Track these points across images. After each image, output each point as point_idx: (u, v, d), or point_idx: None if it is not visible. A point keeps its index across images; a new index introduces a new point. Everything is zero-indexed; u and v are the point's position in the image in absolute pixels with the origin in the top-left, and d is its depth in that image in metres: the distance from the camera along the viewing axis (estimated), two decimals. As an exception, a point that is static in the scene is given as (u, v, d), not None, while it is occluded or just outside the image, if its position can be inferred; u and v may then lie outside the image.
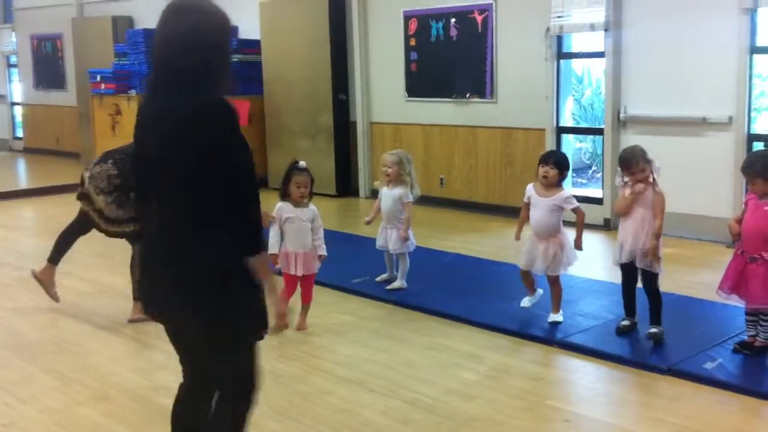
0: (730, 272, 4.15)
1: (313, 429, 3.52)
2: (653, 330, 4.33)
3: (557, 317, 4.73)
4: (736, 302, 4.24)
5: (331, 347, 4.57)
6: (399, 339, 4.65)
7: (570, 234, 4.70)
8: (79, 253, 5.28)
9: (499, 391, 3.90)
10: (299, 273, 4.71)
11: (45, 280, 5.23)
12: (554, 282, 4.72)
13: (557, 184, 4.67)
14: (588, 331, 4.60)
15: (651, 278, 4.35)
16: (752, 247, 4.04)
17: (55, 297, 5.24)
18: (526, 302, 4.84)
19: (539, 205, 4.65)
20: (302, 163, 4.75)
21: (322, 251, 4.75)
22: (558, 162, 4.66)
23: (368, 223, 5.51)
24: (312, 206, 4.77)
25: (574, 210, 4.65)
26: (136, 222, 4.68)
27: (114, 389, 3.99)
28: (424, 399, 3.80)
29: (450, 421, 3.58)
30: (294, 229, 4.70)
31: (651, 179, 4.32)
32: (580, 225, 4.66)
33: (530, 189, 4.74)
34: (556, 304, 4.76)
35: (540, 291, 4.86)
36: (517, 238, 4.82)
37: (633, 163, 4.29)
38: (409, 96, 8.98)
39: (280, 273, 4.70)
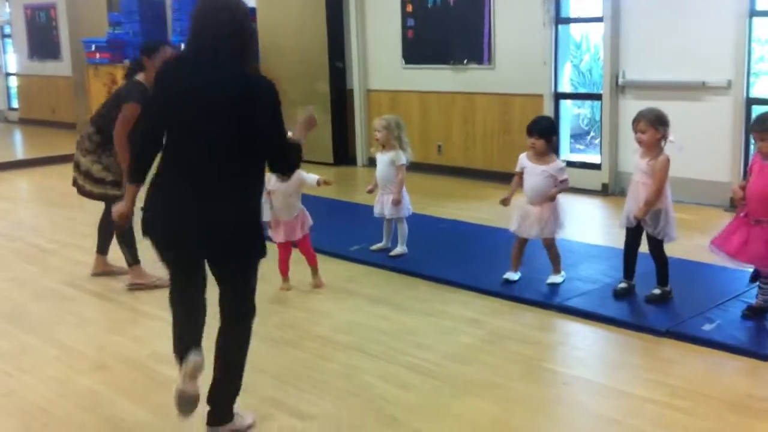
0: (726, 232, 4.15)
1: (312, 394, 3.53)
2: (654, 291, 4.37)
3: (557, 278, 4.75)
4: (729, 263, 4.27)
5: (329, 314, 4.58)
6: (397, 305, 4.65)
7: (562, 200, 4.71)
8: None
9: (498, 355, 3.91)
10: (283, 239, 4.81)
11: (106, 270, 5.29)
12: (550, 245, 4.74)
13: (549, 151, 4.68)
14: (586, 294, 4.60)
15: (657, 244, 4.36)
16: (757, 210, 4.02)
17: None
18: (509, 276, 4.83)
19: (533, 171, 4.67)
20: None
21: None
22: (542, 131, 4.65)
23: (370, 191, 5.50)
24: (296, 176, 4.70)
25: (562, 180, 4.66)
26: (119, 187, 4.78)
27: (113, 358, 3.99)
28: (423, 363, 3.81)
29: (448, 385, 3.59)
30: (282, 199, 4.76)
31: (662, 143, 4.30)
32: (561, 189, 4.69)
33: (523, 159, 4.75)
34: (556, 266, 4.78)
35: (519, 273, 4.84)
36: (506, 204, 4.79)
37: None
38: (406, 63, 8.91)
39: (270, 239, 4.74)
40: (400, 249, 5.45)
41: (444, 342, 4.09)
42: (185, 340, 3.13)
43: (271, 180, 4.65)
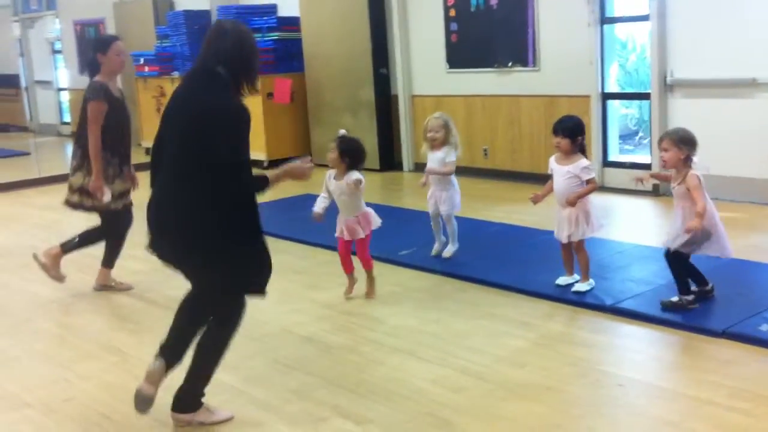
0: None
1: (366, 398, 3.56)
2: (672, 299, 4.31)
3: (583, 286, 4.66)
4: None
5: (380, 318, 4.60)
6: (447, 309, 4.66)
7: (602, 200, 4.66)
8: (132, 231, 5.38)
9: (550, 358, 3.89)
10: (346, 237, 4.86)
11: (107, 284, 5.42)
12: (578, 248, 4.67)
13: (574, 151, 4.62)
14: (639, 296, 4.55)
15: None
16: None
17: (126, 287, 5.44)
18: (561, 281, 4.80)
19: (558, 173, 4.63)
20: (340, 132, 4.88)
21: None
22: (567, 130, 4.59)
23: (423, 185, 5.50)
24: (348, 176, 4.75)
25: (588, 180, 4.59)
26: (122, 198, 5.17)
27: (170, 364, 4.06)
28: (475, 367, 3.81)
29: (501, 388, 3.58)
30: (336, 199, 4.86)
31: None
32: (586, 191, 4.59)
33: (551, 160, 4.72)
34: (584, 272, 4.69)
35: (576, 276, 4.81)
36: (535, 201, 4.76)
37: None
38: (450, 67, 8.91)
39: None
40: (452, 248, 5.49)
41: (495, 345, 4.08)
42: (164, 339, 3.41)
43: (330, 177, 4.76)
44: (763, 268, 4.84)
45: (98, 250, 5.41)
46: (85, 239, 5.37)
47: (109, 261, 5.40)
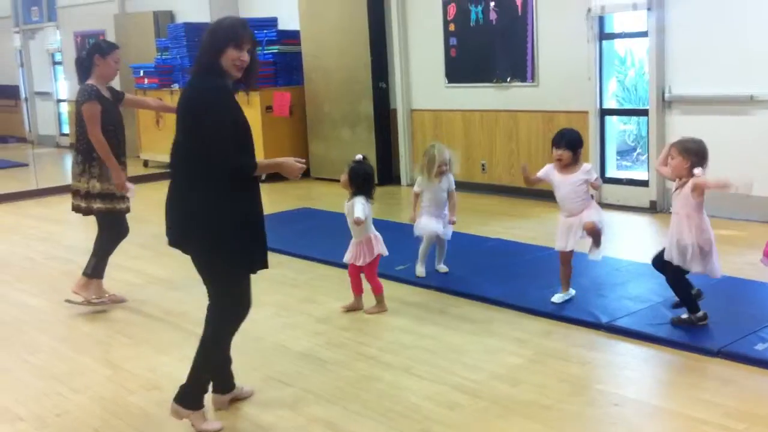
0: None
1: (360, 414, 3.54)
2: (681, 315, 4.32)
3: (597, 256, 4.69)
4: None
5: (376, 334, 4.59)
6: (443, 325, 4.64)
7: (607, 217, 4.72)
8: (125, 242, 5.38)
9: (546, 375, 3.87)
10: (348, 260, 4.89)
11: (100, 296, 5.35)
12: (592, 229, 4.62)
13: (575, 163, 4.64)
14: (635, 314, 4.54)
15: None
16: None
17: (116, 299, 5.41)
18: (557, 298, 4.79)
19: (564, 183, 4.63)
20: (357, 157, 4.85)
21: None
22: (570, 143, 4.61)
23: (413, 220, 5.48)
24: (353, 200, 4.78)
25: (594, 180, 4.65)
26: (124, 199, 5.16)
27: (164, 378, 4.05)
28: (470, 384, 3.80)
29: (496, 406, 3.56)
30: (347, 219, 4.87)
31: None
32: (597, 185, 4.72)
33: (550, 170, 4.70)
34: (597, 243, 4.69)
35: (573, 291, 4.82)
36: (525, 172, 4.79)
37: None
38: (449, 82, 8.93)
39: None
40: (445, 266, 5.51)
41: (491, 362, 4.06)
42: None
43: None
44: (759, 286, 4.84)
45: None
46: (102, 253, 5.29)
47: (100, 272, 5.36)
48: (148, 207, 5.71)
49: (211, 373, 3.51)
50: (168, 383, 3.97)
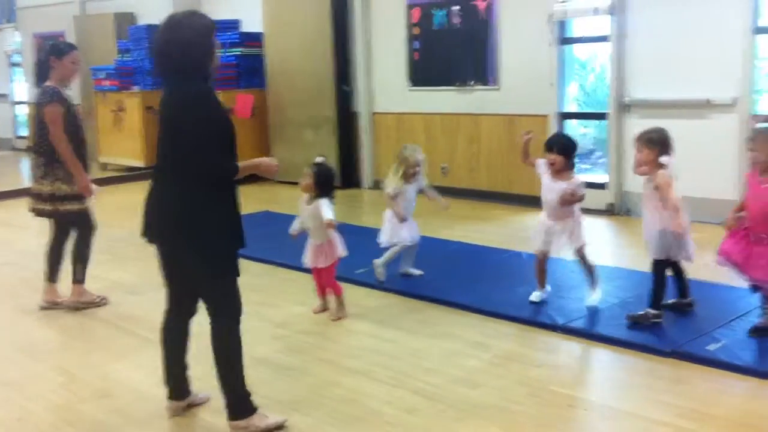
0: (729, 244, 4.11)
1: (319, 420, 3.52)
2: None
3: (594, 298, 4.69)
4: (739, 284, 4.23)
5: (335, 338, 4.58)
6: (404, 329, 4.64)
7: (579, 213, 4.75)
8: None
9: (505, 378, 3.89)
10: (310, 264, 4.86)
11: (56, 300, 5.28)
12: (583, 254, 4.70)
13: (567, 168, 4.65)
14: (592, 315, 4.58)
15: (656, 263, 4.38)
16: (757, 227, 4.01)
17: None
18: (535, 297, 4.83)
19: (552, 189, 4.63)
20: (318, 159, 4.83)
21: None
22: (563, 148, 4.63)
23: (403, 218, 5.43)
24: (317, 202, 4.75)
25: (580, 195, 4.65)
26: (82, 200, 5.08)
27: (117, 386, 3.99)
28: (430, 388, 3.80)
29: (455, 409, 3.57)
30: (305, 222, 4.84)
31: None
32: (580, 198, 4.65)
33: (544, 169, 4.69)
34: (593, 281, 4.72)
35: (549, 288, 4.85)
36: (527, 150, 4.77)
37: None
38: (412, 85, 8.95)
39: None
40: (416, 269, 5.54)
41: (451, 365, 4.08)
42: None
43: (303, 201, 4.77)
44: (713, 287, 4.91)
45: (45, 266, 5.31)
46: (79, 257, 5.26)
47: (53, 275, 5.30)
48: (105, 211, 5.65)
49: (242, 378, 3.39)
50: (121, 390, 3.93)
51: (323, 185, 4.75)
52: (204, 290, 3.35)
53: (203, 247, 3.23)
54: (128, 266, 6.12)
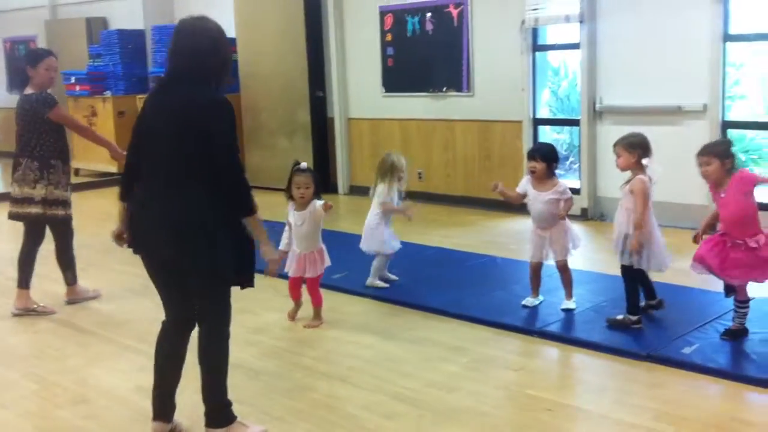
0: (704, 249, 4.16)
1: (295, 425, 3.51)
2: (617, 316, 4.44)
3: (570, 304, 4.76)
4: (713, 288, 4.29)
5: (311, 344, 4.57)
6: (381, 334, 4.65)
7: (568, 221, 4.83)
8: (51, 252, 5.28)
9: (481, 382, 3.91)
10: (307, 274, 4.76)
11: (29, 307, 5.22)
12: (564, 268, 4.76)
13: (549, 176, 4.71)
14: (566, 320, 4.62)
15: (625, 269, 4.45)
16: (733, 232, 4.07)
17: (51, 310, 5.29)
18: (528, 302, 4.87)
19: (538, 198, 4.69)
20: (303, 164, 4.74)
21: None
22: (544, 155, 4.70)
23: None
24: (311, 206, 4.71)
25: (566, 200, 4.73)
26: (65, 207, 5.16)
27: (93, 391, 3.96)
28: (407, 392, 3.81)
29: (432, 413, 3.58)
30: (294, 230, 4.74)
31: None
32: (569, 207, 4.75)
33: (526, 184, 4.76)
34: (569, 291, 4.80)
35: (541, 297, 4.89)
36: (495, 188, 4.79)
37: None
38: (386, 91, 8.97)
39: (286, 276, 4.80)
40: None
41: (428, 370, 4.08)
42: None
43: (290, 209, 4.68)
44: (687, 291, 4.97)
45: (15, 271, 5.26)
46: (68, 262, 5.33)
47: (27, 281, 5.25)
48: (78, 217, 5.58)
49: (225, 387, 3.36)
50: (96, 396, 3.90)
51: (317, 187, 4.75)
52: (205, 295, 3.28)
53: (218, 251, 3.15)
54: (100, 273, 6.06)
